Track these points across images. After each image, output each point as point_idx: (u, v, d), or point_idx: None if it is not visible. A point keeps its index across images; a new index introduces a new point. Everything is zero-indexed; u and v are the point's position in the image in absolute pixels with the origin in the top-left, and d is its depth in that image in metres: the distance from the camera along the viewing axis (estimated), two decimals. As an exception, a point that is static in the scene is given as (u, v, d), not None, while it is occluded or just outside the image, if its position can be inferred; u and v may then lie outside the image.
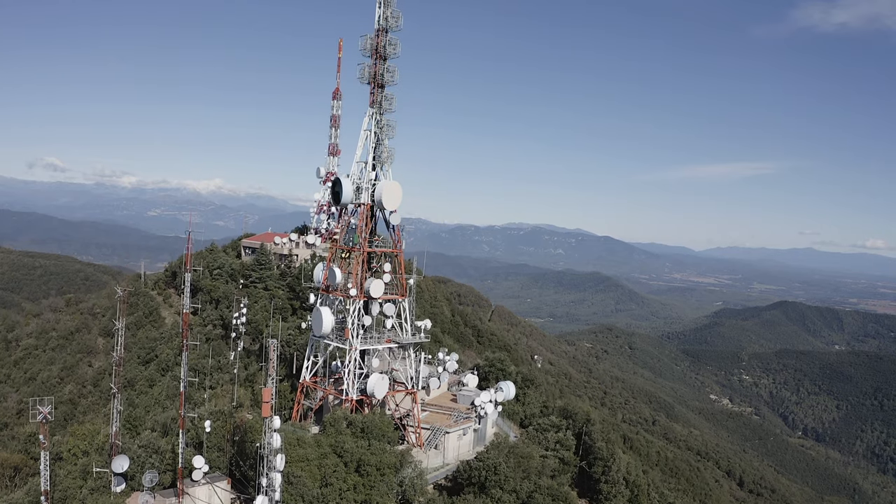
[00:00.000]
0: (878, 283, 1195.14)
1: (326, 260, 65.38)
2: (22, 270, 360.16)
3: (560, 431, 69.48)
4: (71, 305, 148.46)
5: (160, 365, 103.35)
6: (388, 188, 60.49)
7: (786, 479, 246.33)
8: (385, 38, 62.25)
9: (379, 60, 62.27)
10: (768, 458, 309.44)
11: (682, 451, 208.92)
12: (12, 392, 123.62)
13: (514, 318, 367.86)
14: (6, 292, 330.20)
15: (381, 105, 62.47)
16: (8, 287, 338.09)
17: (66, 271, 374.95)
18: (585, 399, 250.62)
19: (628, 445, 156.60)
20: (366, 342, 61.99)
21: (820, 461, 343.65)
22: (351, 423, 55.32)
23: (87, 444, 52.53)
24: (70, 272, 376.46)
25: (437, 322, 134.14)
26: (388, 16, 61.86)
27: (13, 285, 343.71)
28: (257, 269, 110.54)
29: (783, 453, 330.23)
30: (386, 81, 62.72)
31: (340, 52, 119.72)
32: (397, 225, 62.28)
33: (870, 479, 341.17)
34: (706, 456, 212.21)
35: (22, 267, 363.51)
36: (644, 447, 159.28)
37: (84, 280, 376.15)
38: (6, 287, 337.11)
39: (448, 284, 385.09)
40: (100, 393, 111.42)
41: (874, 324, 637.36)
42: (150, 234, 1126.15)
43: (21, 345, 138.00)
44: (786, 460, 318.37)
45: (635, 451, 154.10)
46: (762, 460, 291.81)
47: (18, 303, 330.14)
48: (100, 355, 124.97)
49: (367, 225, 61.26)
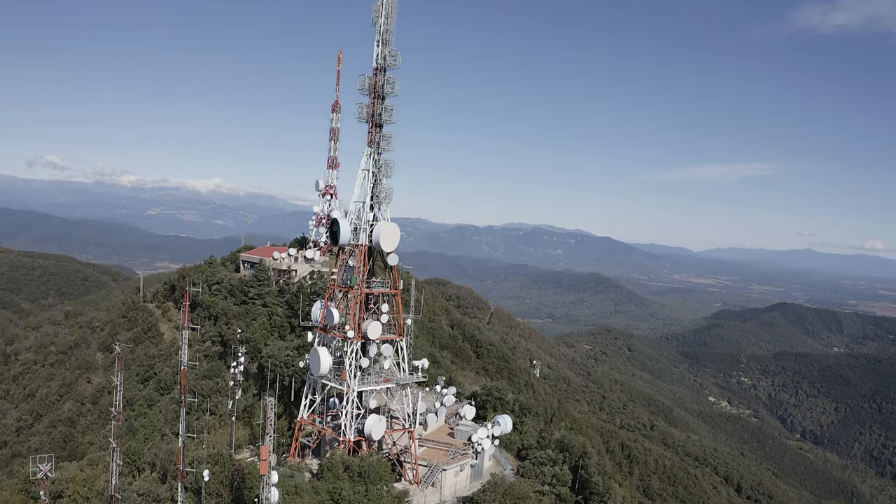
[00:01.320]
0: (877, 285, 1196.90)
1: (324, 298, 65.57)
2: (21, 271, 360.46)
3: (556, 465, 69.88)
4: (70, 318, 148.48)
5: (159, 384, 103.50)
6: (385, 230, 60.64)
7: (784, 484, 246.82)
8: (383, 76, 62.22)
9: (377, 100, 62.25)
10: (767, 461, 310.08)
11: (681, 456, 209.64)
12: (11, 409, 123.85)
13: (512, 321, 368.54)
14: (5, 293, 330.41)
15: (380, 145, 62.50)
16: (7, 287, 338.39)
17: (65, 272, 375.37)
18: (584, 403, 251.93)
19: (626, 454, 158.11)
20: (363, 383, 62.32)
21: (818, 464, 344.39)
22: (348, 467, 55.73)
23: (87, 489, 52.94)
24: (69, 273, 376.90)
25: (436, 337, 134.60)
26: (386, 55, 61.84)
27: (12, 286, 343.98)
28: (255, 285, 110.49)
29: (781, 456, 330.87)
30: (384, 121, 62.63)
31: (340, 65, 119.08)
32: (395, 265, 62.48)
33: (868, 483, 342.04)
34: (704, 462, 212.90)
35: (21, 267, 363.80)
36: (642, 455, 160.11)
37: (83, 281, 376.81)
38: (5, 288, 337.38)
39: (447, 286, 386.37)
40: (99, 412, 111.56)
41: (873, 326, 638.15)
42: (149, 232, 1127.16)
43: (20, 359, 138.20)
44: (784, 463, 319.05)
45: (634, 460, 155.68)
46: (760, 463, 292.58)
47: (17, 303, 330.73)
48: (99, 371, 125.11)
49: (365, 266, 61.41)
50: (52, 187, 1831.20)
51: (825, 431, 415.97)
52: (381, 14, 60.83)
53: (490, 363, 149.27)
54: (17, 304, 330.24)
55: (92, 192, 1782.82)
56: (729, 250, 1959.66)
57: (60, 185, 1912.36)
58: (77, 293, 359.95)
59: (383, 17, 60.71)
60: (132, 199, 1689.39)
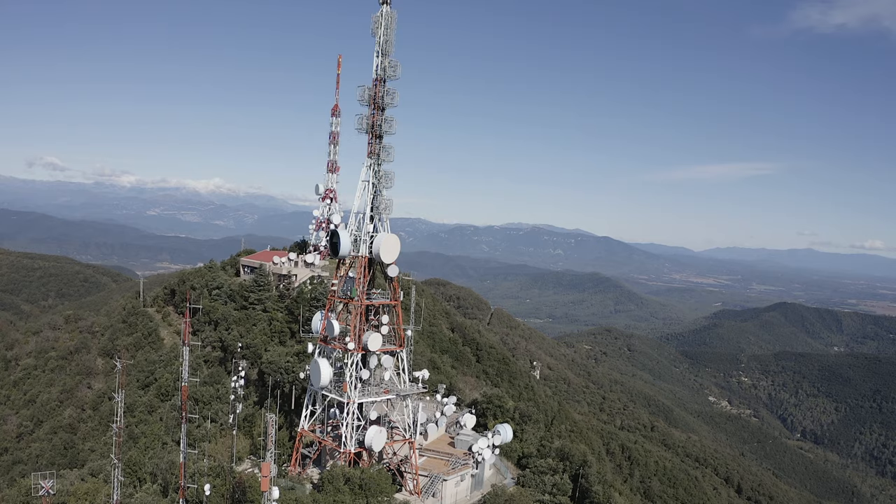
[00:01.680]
0: (877, 284, 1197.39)
1: (325, 310, 65.55)
2: (21, 272, 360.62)
3: (557, 474, 69.94)
4: (70, 323, 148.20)
5: (159, 390, 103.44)
6: (385, 242, 60.56)
7: (784, 485, 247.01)
8: (383, 88, 62.08)
9: (377, 111, 62.13)
10: (767, 461, 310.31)
11: (681, 457, 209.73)
12: (12, 414, 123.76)
13: (513, 321, 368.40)
14: (5, 294, 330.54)
15: (379, 156, 62.42)
16: (7, 289, 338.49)
17: (65, 273, 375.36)
18: (584, 404, 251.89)
19: (626, 455, 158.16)
20: (364, 395, 62.32)
21: (818, 464, 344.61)
22: (349, 479, 55.78)
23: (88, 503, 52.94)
24: (69, 274, 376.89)
25: (436, 341, 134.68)
26: (385, 66, 61.71)
27: (12, 287, 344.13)
28: (256, 290, 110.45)
29: (781, 456, 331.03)
30: (384, 132, 62.49)
31: (339, 69, 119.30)
32: (395, 276, 62.46)
33: (868, 482, 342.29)
34: (704, 462, 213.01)
35: (21, 269, 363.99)
36: (642, 457, 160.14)
37: (83, 282, 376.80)
38: (5, 289, 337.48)
39: (447, 287, 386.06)
40: (99, 418, 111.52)
41: (873, 325, 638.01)
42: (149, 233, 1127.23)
43: (20, 364, 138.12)
44: (784, 463, 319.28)
45: (634, 462, 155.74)
46: (761, 463, 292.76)
47: (18, 305, 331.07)
48: (99, 376, 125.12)
49: (365, 277, 61.37)
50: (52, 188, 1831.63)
51: (825, 431, 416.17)
52: (381, 25, 60.49)
53: (490, 366, 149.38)
54: (18, 306, 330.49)
55: (92, 193, 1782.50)
56: (729, 250, 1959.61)
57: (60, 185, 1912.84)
58: (77, 294, 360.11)
59: (382, 27, 60.43)
60: (132, 200, 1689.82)
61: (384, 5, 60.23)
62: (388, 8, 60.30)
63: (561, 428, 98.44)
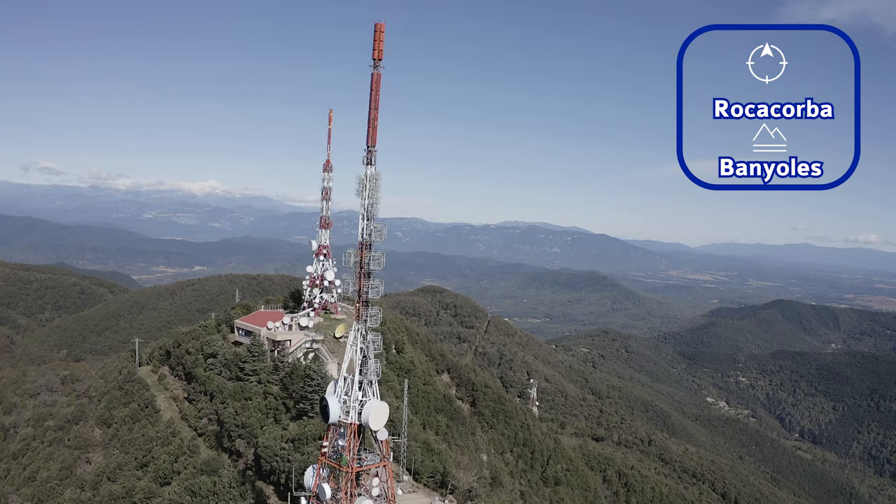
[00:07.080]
0: (873, 279, 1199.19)
1: (317, 466, 65.60)
2: (17, 285, 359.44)
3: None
4: (67, 384, 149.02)
5: (157, 474, 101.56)
6: (374, 410, 59.52)
7: (783, 493, 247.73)
8: (369, 253, 60.83)
9: (364, 277, 60.94)
10: (765, 464, 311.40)
11: (678, 473, 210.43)
12: (13, 492, 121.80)
13: (510, 329, 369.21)
14: (2, 308, 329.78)
15: (367, 321, 61.65)
16: (3, 302, 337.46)
17: (61, 285, 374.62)
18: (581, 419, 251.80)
19: (623, 482, 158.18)
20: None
21: (816, 465, 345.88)
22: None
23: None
24: (65, 286, 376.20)
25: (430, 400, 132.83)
26: (371, 230, 59.83)
27: (9, 300, 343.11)
28: (250, 359, 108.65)
29: (780, 458, 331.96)
30: (371, 298, 61.56)
31: (330, 124, 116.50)
32: (385, 440, 62.73)
33: (866, 483, 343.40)
34: (701, 478, 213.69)
35: (17, 281, 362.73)
36: (639, 483, 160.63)
37: (80, 294, 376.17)
38: (2, 302, 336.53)
39: (444, 294, 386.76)
40: (99, 500, 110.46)
41: (870, 321, 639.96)
42: (145, 236, 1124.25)
43: (19, 434, 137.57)
44: (782, 466, 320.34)
45: (631, 489, 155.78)
46: (759, 467, 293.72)
47: (14, 319, 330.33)
48: (97, 448, 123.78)
49: (355, 444, 61.64)
50: (48, 192, 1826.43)
51: (823, 430, 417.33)
52: (365, 187, 56.79)
53: (486, 406, 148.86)
54: (14, 320, 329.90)
55: (87, 197, 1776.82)
56: (725, 245, 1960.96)
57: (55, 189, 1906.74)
58: (73, 307, 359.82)
59: (367, 189, 56.74)
60: (128, 203, 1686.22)
61: (368, 166, 57.50)
62: (373, 169, 57.29)
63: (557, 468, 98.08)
